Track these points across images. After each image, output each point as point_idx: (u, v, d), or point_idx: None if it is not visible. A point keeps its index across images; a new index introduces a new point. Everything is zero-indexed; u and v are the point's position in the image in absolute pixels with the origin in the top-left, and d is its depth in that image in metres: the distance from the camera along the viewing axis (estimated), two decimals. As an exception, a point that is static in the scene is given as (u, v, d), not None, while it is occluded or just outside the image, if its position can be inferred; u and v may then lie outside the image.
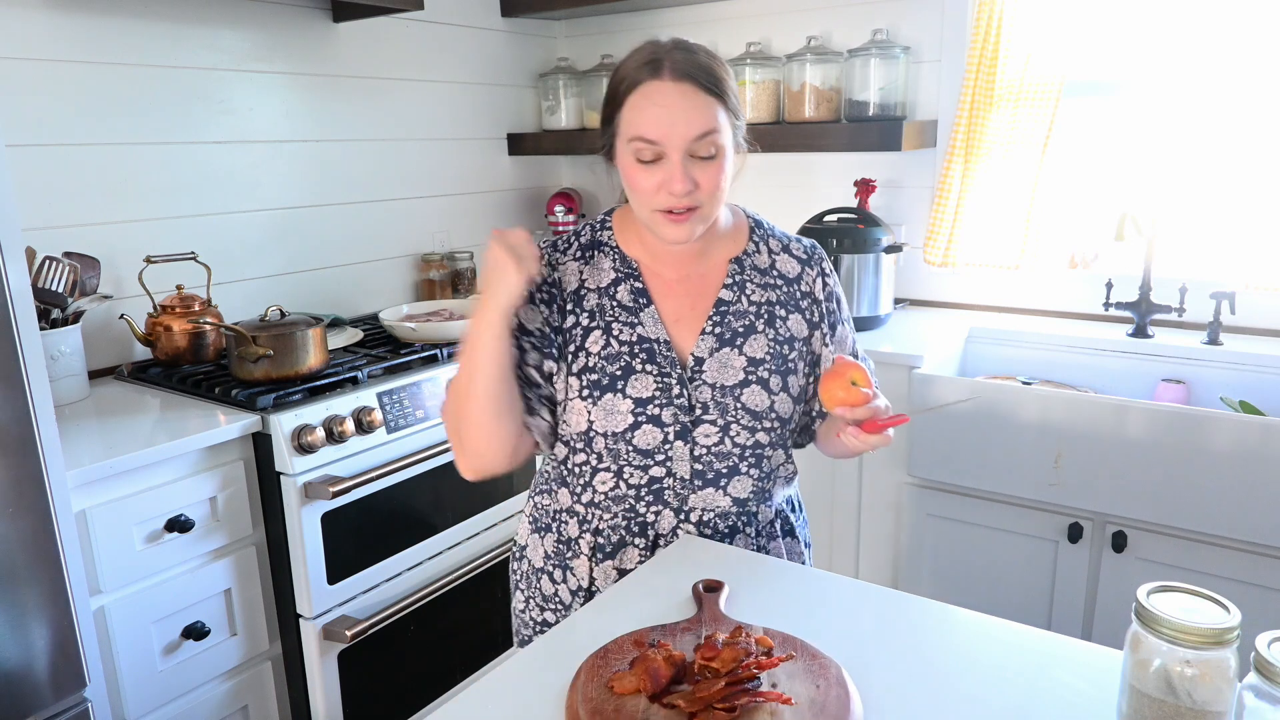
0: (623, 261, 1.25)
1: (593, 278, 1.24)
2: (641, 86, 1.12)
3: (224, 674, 1.76)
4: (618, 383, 1.19)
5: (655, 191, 1.13)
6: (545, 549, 1.30)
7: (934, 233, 2.47)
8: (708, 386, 1.20)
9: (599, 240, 1.27)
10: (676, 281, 1.25)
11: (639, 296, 1.23)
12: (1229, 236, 2.17)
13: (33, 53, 1.86)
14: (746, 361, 1.22)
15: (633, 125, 1.13)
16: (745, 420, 1.21)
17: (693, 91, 1.11)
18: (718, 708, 0.83)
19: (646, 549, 1.23)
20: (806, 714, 0.84)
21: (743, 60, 2.60)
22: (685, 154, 1.11)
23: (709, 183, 1.14)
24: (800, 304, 1.27)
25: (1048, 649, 0.96)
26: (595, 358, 1.20)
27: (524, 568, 1.34)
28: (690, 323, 1.23)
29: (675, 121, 1.10)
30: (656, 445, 1.19)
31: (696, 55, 1.14)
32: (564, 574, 1.28)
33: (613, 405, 1.19)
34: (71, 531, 1.37)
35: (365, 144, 2.56)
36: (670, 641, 0.95)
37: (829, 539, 2.30)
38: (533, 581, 1.32)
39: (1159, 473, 1.80)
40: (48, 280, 1.76)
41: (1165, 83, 2.26)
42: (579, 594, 1.27)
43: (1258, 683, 0.68)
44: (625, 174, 1.16)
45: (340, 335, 2.24)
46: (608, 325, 1.21)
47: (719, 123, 1.13)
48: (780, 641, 0.95)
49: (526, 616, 1.34)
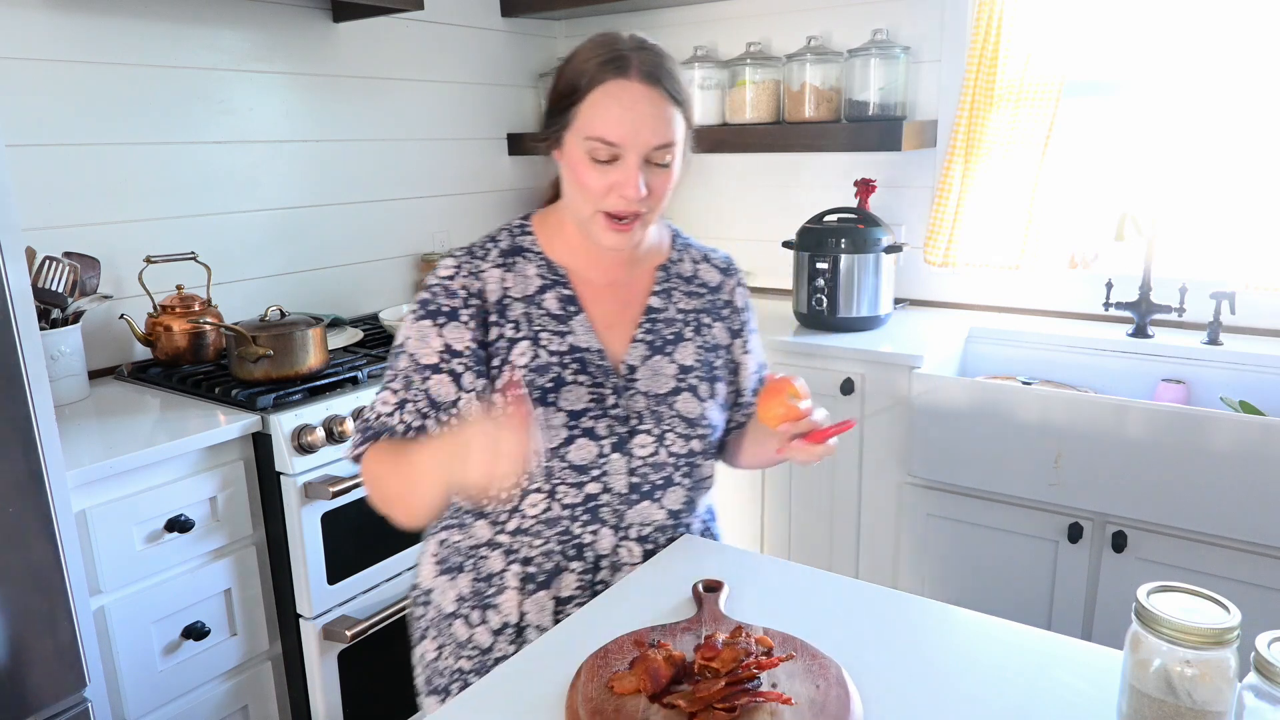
0: (549, 268, 1.19)
1: (517, 285, 1.17)
2: (606, 84, 1.08)
3: (224, 674, 1.76)
4: (549, 396, 1.13)
5: (605, 193, 1.09)
6: (458, 590, 1.20)
7: (934, 233, 2.47)
8: (641, 395, 1.17)
9: (520, 246, 1.20)
10: (605, 287, 1.21)
11: (568, 304, 1.18)
12: (1229, 236, 2.17)
13: (33, 53, 1.86)
14: (678, 369, 1.20)
15: (593, 124, 1.08)
16: (680, 428, 1.17)
17: (659, 98, 1.09)
18: (718, 708, 0.83)
19: (587, 571, 1.16)
20: (806, 714, 0.84)
21: (743, 60, 2.60)
22: (642, 159, 1.08)
23: (660, 190, 1.12)
24: (722, 312, 1.27)
25: (1048, 649, 0.96)
26: (523, 371, 1.14)
27: (430, 614, 1.23)
28: (620, 330, 1.19)
29: (640, 127, 1.07)
30: (592, 459, 1.13)
31: (663, 58, 1.12)
32: (483, 614, 1.18)
33: (544, 420, 1.12)
34: (71, 531, 1.37)
35: (365, 144, 2.56)
36: (670, 641, 0.95)
37: (829, 539, 2.30)
38: (443, 628, 1.21)
39: (1159, 473, 1.80)
40: (48, 280, 1.76)
41: (1165, 83, 2.26)
42: (504, 632, 1.17)
43: (1258, 683, 0.68)
44: (574, 171, 1.11)
45: (340, 335, 2.24)
46: (535, 335, 1.15)
47: (677, 133, 1.11)
48: (780, 641, 0.95)
49: (441, 665, 1.22)
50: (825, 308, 2.33)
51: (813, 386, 2.21)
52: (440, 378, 1.13)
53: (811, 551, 2.32)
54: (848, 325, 2.34)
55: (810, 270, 2.34)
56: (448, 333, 1.13)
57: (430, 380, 1.13)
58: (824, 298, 2.33)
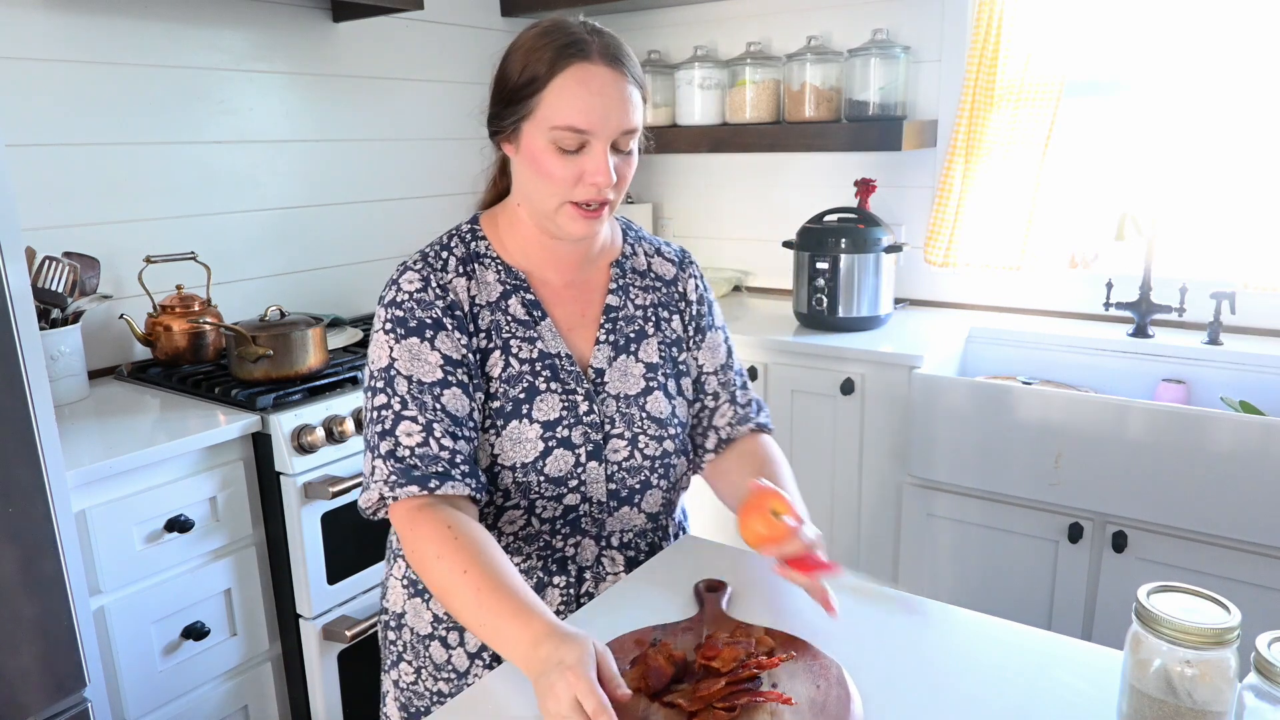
0: (507, 272, 1.14)
1: (480, 293, 1.12)
2: (571, 69, 1.02)
3: (224, 674, 1.76)
4: (522, 407, 1.08)
5: (573, 183, 1.04)
6: (434, 612, 1.14)
7: (935, 233, 2.47)
8: (612, 399, 1.13)
9: (476, 251, 1.14)
10: (564, 287, 1.16)
11: (532, 309, 1.13)
12: (1229, 236, 2.17)
13: (33, 53, 1.86)
14: (644, 368, 1.16)
15: (559, 112, 1.02)
16: (652, 430, 1.14)
17: (624, 80, 1.04)
18: (718, 707, 0.83)
19: (570, 585, 1.13)
20: (806, 714, 0.84)
21: (743, 60, 2.60)
22: (609, 145, 1.04)
23: (626, 176, 1.07)
24: (679, 305, 1.23)
25: (1048, 649, 0.96)
26: (496, 382, 1.09)
27: (405, 637, 1.17)
28: (583, 332, 1.15)
29: (609, 111, 1.02)
30: (569, 470, 1.09)
31: (618, 41, 1.07)
32: (460, 635, 1.13)
33: (519, 434, 1.08)
34: (71, 531, 1.37)
35: (365, 144, 2.56)
36: (671, 641, 0.95)
37: (829, 539, 2.29)
38: (420, 651, 1.15)
39: (1159, 473, 1.80)
40: (48, 280, 1.76)
41: (1165, 83, 2.26)
42: (480, 657, 1.12)
43: (1258, 683, 0.68)
44: (536, 162, 1.05)
45: (340, 335, 2.24)
46: (505, 344, 1.10)
47: (641, 119, 1.07)
48: (781, 642, 0.95)
49: (420, 688, 1.16)
50: (825, 308, 2.33)
51: (813, 386, 2.24)
52: (452, 391, 1.05)
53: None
54: (848, 325, 2.34)
55: (810, 270, 2.34)
56: (440, 344, 1.06)
57: (443, 396, 1.05)
58: (824, 298, 2.33)
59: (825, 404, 2.23)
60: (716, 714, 0.82)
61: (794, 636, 0.96)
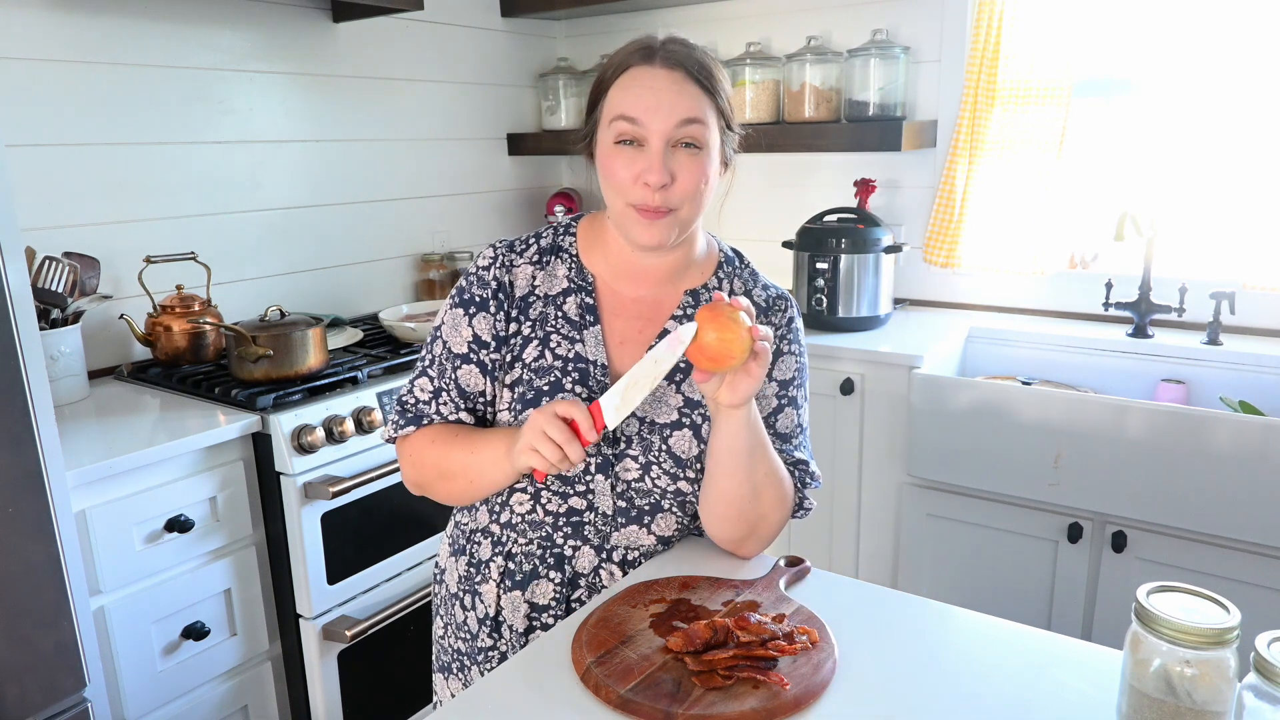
0: (579, 272, 1.17)
1: (544, 284, 1.16)
2: (631, 70, 1.08)
3: (224, 674, 1.76)
4: (542, 399, 1.11)
5: (633, 182, 1.06)
6: (459, 572, 1.21)
7: (936, 233, 2.47)
8: (635, 419, 1.11)
9: (559, 245, 1.19)
10: (633, 301, 1.16)
11: (587, 313, 1.15)
12: (1229, 236, 2.17)
13: (33, 53, 1.86)
14: (683, 401, 1.13)
15: (616, 105, 1.07)
16: (667, 465, 1.11)
17: (682, 79, 1.06)
18: (720, 673, 0.87)
19: (562, 585, 1.13)
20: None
21: (743, 60, 2.60)
22: (667, 143, 1.05)
23: (687, 179, 1.06)
24: None
25: (1048, 649, 0.96)
26: (526, 370, 1.13)
27: (443, 592, 1.25)
28: (632, 348, 1.15)
29: (660, 104, 1.04)
30: (576, 474, 1.11)
31: (693, 50, 1.09)
32: (473, 600, 1.19)
33: None
34: (71, 531, 1.37)
35: (365, 144, 2.56)
36: (712, 593, 1.02)
37: (829, 539, 2.30)
38: (450, 606, 1.23)
39: (1159, 473, 1.80)
40: (48, 280, 1.76)
41: (1164, 83, 2.26)
42: (485, 623, 1.17)
43: (1258, 683, 0.68)
44: (603, 163, 1.09)
45: (340, 335, 2.24)
46: (546, 336, 1.14)
47: (706, 116, 1.07)
48: (823, 638, 0.95)
49: (446, 643, 1.25)
50: (825, 308, 2.33)
51: (813, 386, 2.24)
52: (470, 368, 1.15)
53: (811, 551, 2.32)
54: (848, 325, 2.34)
55: (810, 270, 2.34)
56: (477, 323, 1.15)
57: (461, 370, 1.15)
58: (824, 298, 2.33)
59: (825, 404, 2.23)
60: (715, 678, 0.86)
61: (829, 636, 0.95)
